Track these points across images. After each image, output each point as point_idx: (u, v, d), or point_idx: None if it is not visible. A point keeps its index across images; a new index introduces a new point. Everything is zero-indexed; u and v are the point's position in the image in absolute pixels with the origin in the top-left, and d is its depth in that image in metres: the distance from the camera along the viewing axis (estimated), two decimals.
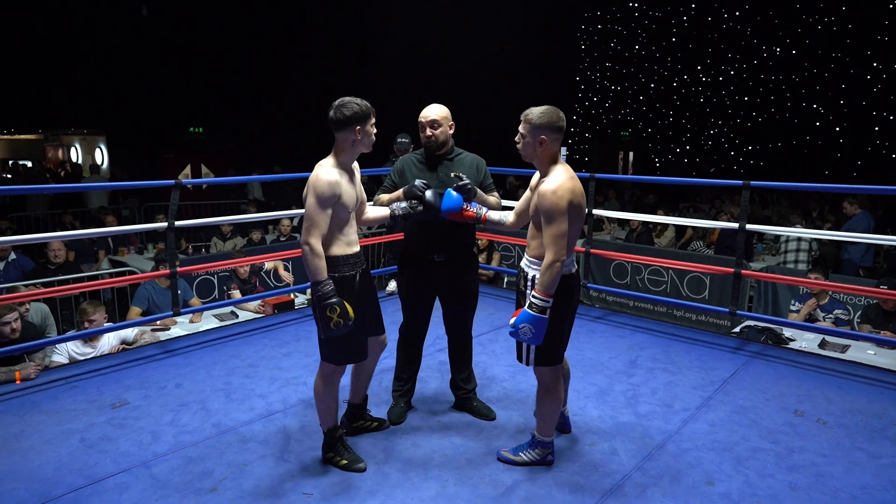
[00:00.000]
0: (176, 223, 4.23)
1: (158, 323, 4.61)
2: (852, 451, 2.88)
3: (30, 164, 17.52)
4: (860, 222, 7.03)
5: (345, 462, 2.68)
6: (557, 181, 2.42)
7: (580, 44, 18.94)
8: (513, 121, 2.63)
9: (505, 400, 3.37)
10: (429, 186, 2.82)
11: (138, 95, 13.24)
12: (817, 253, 7.09)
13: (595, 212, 5.27)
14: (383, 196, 3.02)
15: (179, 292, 4.44)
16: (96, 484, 2.57)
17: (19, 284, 5.25)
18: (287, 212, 6.26)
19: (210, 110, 14.37)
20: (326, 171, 2.46)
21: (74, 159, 17.10)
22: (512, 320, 2.47)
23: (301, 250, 2.46)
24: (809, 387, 3.61)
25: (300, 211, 6.46)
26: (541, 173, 2.57)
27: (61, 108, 14.01)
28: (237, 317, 4.98)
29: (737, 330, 4.93)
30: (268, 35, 14.60)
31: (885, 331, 4.54)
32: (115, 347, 4.21)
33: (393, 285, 5.53)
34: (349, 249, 2.57)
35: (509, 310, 4.48)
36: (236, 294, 5.47)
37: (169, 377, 3.66)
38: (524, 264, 2.64)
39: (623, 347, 4.24)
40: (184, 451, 2.83)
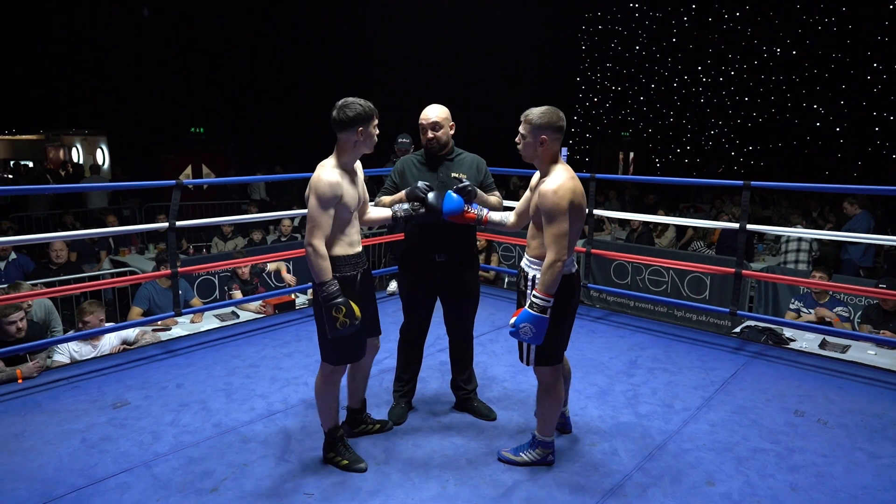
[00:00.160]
0: (177, 223, 4.24)
1: (160, 323, 4.61)
2: (853, 452, 2.89)
3: (31, 164, 17.54)
4: (860, 222, 7.03)
5: (346, 462, 2.69)
6: (558, 181, 2.42)
7: (581, 44, 18.94)
8: (513, 121, 2.64)
9: (505, 400, 3.37)
10: (431, 188, 2.82)
11: (139, 96, 13.25)
12: (817, 253, 7.09)
13: (596, 212, 5.27)
14: (385, 197, 3.02)
15: (180, 292, 4.44)
16: (97, 484, 2.58)
17: (25, 284, 5.26)
18: (287, 212, 6.26)
19: (211, 110, 14.38)
20: (328, 172, 2.46)
21: (76, 159, 17.11)
22: (512, 320, 2.47)
23: (305, 251, 2.47)
24: (810, 387, 3.61)
25: (301, 211, 6.49)
26: (541, 173, 2.57)
27: (62, 108, 14.02)
28: (238, 317, 4.98)
29: (737, 330, 4.93)
30: (269, 35, 14.61)
31: (884, 330, 4.55)
32: (116, 347, 4.21)
33: (393, 285, 5.54)
34: (351, 250, 2.58)
35: (510, 310, 4.49)
36: (237, 294, 5.47)
37: (170, 377, 3.67)
38: (524, 264, 2.64)
39: (623, 347, 4.25)
40: (185, 451, 2.83)
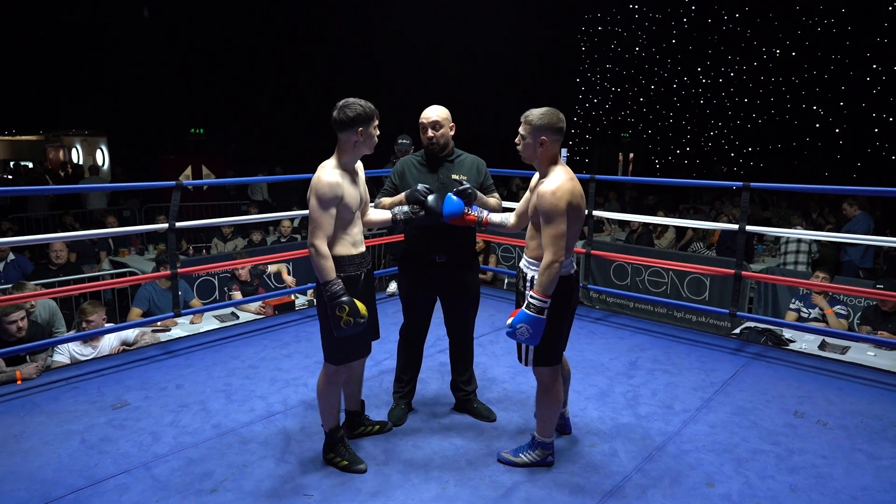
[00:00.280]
0: (177, 224, 4.24)
1: (159, 324, 4.61)
2: (852, 453, 2.89)
3: (31, 164, 17.54)
4: (860, 224, 7.03)
5: (345, 463, 2.69)
6: (557, 182, 2.42)
7: (581, 45, 18.96)
8: (513, 122, 2.64)
9: (505, 401, 3.37)
10: (431, 191, 2.81)
11: (139, 96, 13.25)
12: (817, 255, 7.09)
13: (595, 213, 5.27)
14: (385, 199, 3.01)
15: (180, 293, 4.44)
16: (97, 485, 2.57)
17: (28, 284, 5.26)
18: (287, 213, 6.26)
19: (211, 111, 14.37)
20: (328, 173, 2.47)
21: (75, 160, 17.12)
22: (509, 320, 2.48)
23: (307, 252, 2.48)
24: (809, 388, 3.61)
25: (300, 212, 6.50)
26: (540, 174, 2.57)
27: (62, 109, 14.03)
28: (238, 318, 4.98)
29: (737, 331, 4.93)
30: (269, 36, 14.60)
31: (882, 331, 4.55)
32: (115, 348, 4.21)
33: (393, 286, 5.53)
34: (354, 250, 2.58)
35: (510, 311, 4.48)
36: (237, 295, 5.47)
37: (169, 378, 3.67)
38: (523, 265, 2.64)
39: (623, 349, 4.24)
40: (184, 452, 2.83)
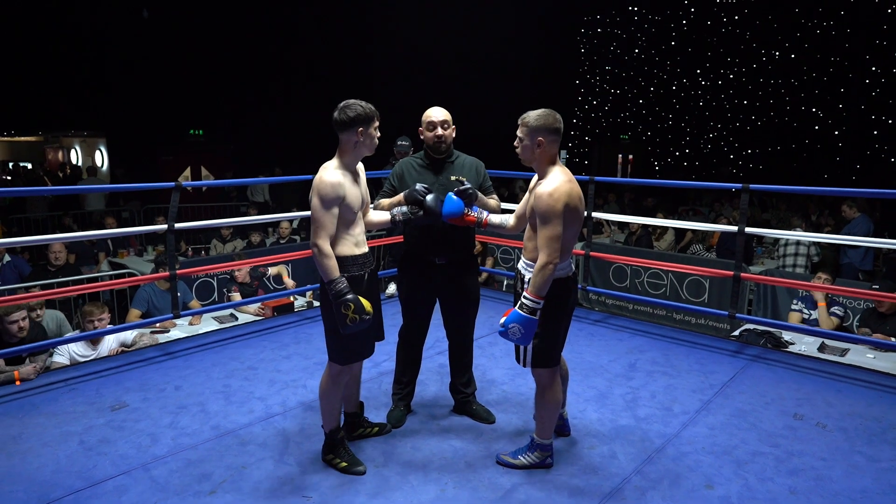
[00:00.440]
0: (176, 225, 4.23)
1: (158, 325, 4.61)
2: (851, 455, 2.88)
3: (30, 166, 17.54)
4: (859, 226, 7.04)
5: (344, 464, 2.68)
6: (554, 183, 2.42)
7: (580, 47, 18.99)
8: (512, 124, 2.64)
9: (504, 403, 3.37)
10: (430, 190, 2.81)
11: (139, 97, 13.25)
12: (817, 258, 7.09)
13: (594, 215, 5.27)
14: (384, 200, 3.01)
15: (179, 295, 4.44)
16: (95, 486, 2.57)
17: (22, 286, 5.26)
18: (286, 214, 6.26)
19: (210, 112, 14.38)
20: (329, 173, 2.49)
21: (75, 161, 17.10)
22: (502, 319, 2.48)
23: (311, 252, 2.49)
24: (809, 390, 3.61)
25: (299, 213, 6.51)
26: (538, 176, 2.57)
27: (62, 109, 14.03)
28: (237, 319, 4.97)
29: (736, 333, 4.93)
30: (268, 37, 14.61)
31: (877, 333, 4.55)
32: (114, 350, 4.21)
33: (393, 288, 5.53)
34: (357, 250, 2.59)
35: None
36: (236, 296, 5.47)
37: (168, 379, 3.66)
38: (521, 266, 2.64)
39: (622, 350, 4.24)
40: (183, 453, 2.83)
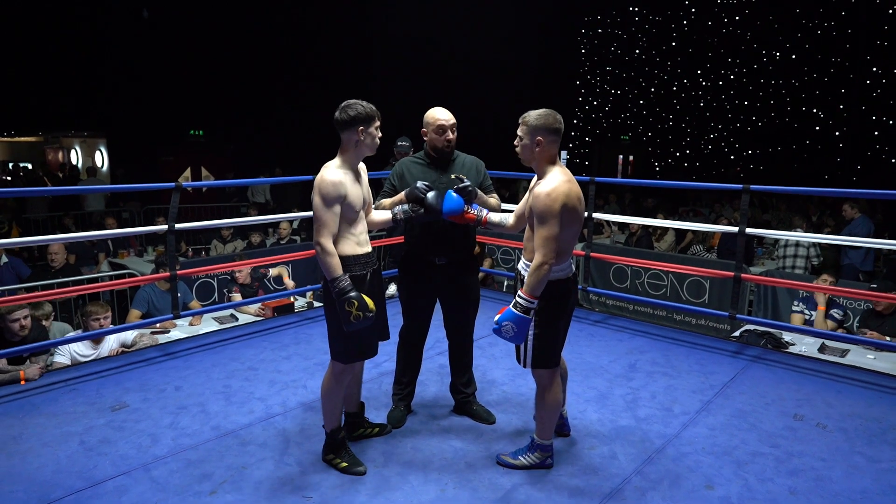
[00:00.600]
0: (176, 226, 4.24)
1: (158, 325, 4.61)
2: (851, 456, 2.88)
3: (30, 166, 17.54)
4: (860, 226, 7.04)
5: (345, 464, 2.69)
6: (553, 184, 2.42)
7: (580, 47, 18.99)
8: (513, 124, 2.64)
9: (504, 403, 3.37)
10: (430, 188, 2.82)
11: (139, 98, 13.25)
12: (817, 259, 7.09)
13: (595, 215, 5.27)
14: (385, 200, 3.01)
15: (179, 295, 4.44)
16: (95, 486, 2.57)
17: (23, 286, 5.27)
18: (286, 215, 6.27)
19: (210, 113, 14.38)
20: (331, 172, 2.51)
21: (75, 162, 17.10)
22: (497, 317, 2.48)
23: (309, 253, 2.49)
24: (809, 391, 3.61)
25: (299, 214, 6.52)
26: (538, 175, 2.57)
27: (61, 110, 14.03)
28: (237, 320, 4.97)
29: (736, 334, 4.92)
30: (268, 38, 14.62)
31: (873, 332, 4.55)
32: (114, 350, 4.21)
33: (393, 288, 5.53)
34: (360, 249, 2.60)
35: None
36: (237, 297, 5.47)
37: (168, 380, 3.66)
38: (521, 266, 2.64)
39: (623, 351, 4.24)
40: (183, 453, 2.83)
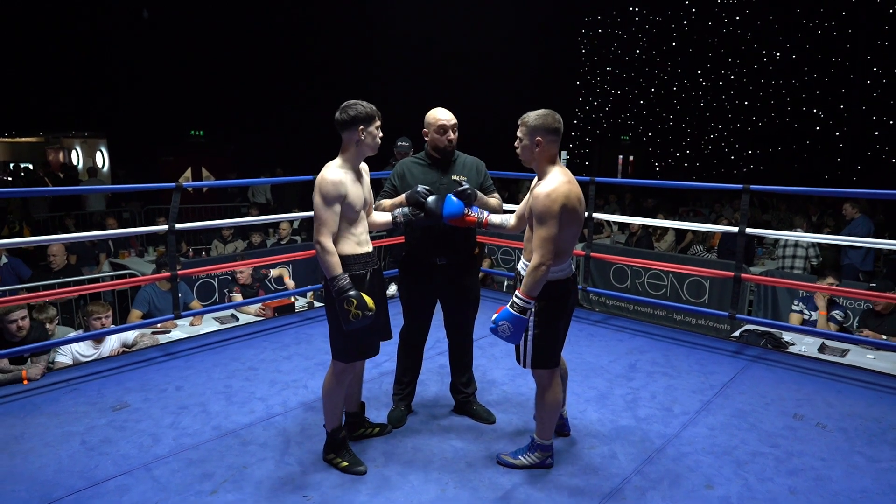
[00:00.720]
0: (177, 226, 4.24)
1: (159, 325, 4.62)
2: (851, 455, 2.89)
3: (31, 166, 17.55)
4: (860, 226, 7.04)
5: (345, 464, 2.69)
6: (552, 184, 2.42)
7: (580, 48, 19.00)
8: (513, 124, 2.64)
9: (505, 403, 3.38)
10: (431, 192, 2.82)
11: (139, 98, 13.28)
12: (816, 260, 7.09)
13: (595, 215, 5.28)
14: (385, 201, 3.01)
15: (180, 295, 4.44)
16: (97, 486, 2.58)
17: (23, 287, 5.27)
18: (286, 215, 6.27)
19: (211, 113, 14.40)
20: (331, 171, 2.52)
21: (75, 162, 17.11)
22: (494, 316, 2.49)
23: (310, 253, 2.50)
24: (809, 391, 3.62)
25: (299, 214, 6.52)
26: (538, 176, 2.57)
27: (62, 110, 14.04)
28: (238, 320, 4.98)
29: (736, 334, 4.93)
30: (269, 38, 14.64)
31: (871, 331, 4.55)
32: (115, 350, 4.22)
33: (393, 289, 5.53)
34: (359, 249, 2.61)
35: None
36: (237, 297, 5.47)
37: (169, 380, 3.67)
38: (521, 267, 2.65)
39: (623, 351, 4.25)
40: (184, 453, 2.84)
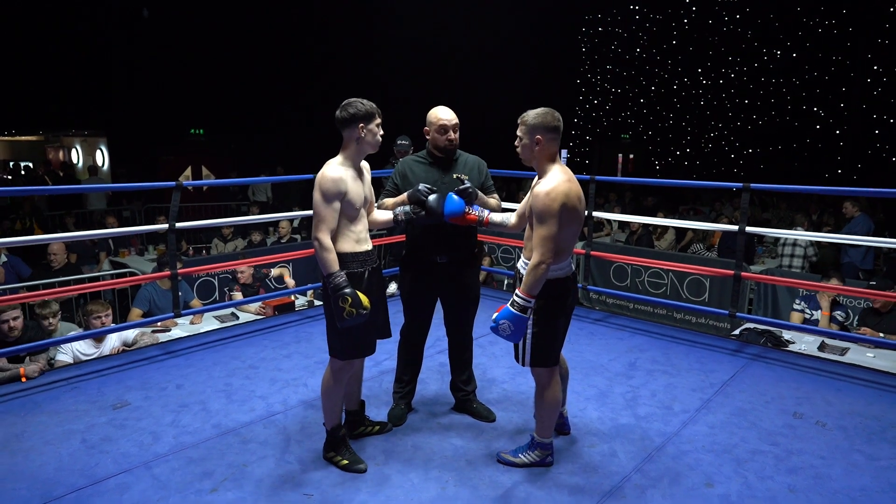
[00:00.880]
0: (177, 225, 4.24)
1: (160, 324, 4.62)
2: (851, 454, 2.89)
3: (31, 165, 17.55)
4: (860, 225, 7.04)
5: (345, 462, 2.70)
6: (552, 183, 2.42)
7: (581, 46, 18.98)
8: (513, 124, 2.64)
9: (505, 402, 3.38)
10: (432, 191, 2.82)
11: (139, 97, 13.27)
12: (815, 258, 7.09)
13: (595, 214, 5.28)
14: (387, 200, 3.02)
15: (180, 294, 4.45)
16: (97, 484, 2.58)
17: (23, 285, 5.27)
18: (286, 213, 6.28)
19: (211, 112, 14.40)
20: (331, 169, 2.53)
21: (75, 161, 17.11)
22: (494, 315, 2.49)
23: (310, 251, 2.51)
24: (808, 389, 3.62)
25: (299, 213, 6.52)
26: (538, 174, 2.57)
27: (62, 109, 14.03)
28: (238, 318, 4.98)
29: (736, 332, 4.93)
30: (268, 37, 14.63)
31: (876, 330, 4.55)
32: (115, 348, 4.22)
33: (393, 287, 5.54)
34: (358, 247, 2.61)
35: None
36: (237, 296, 5.48)
37: (170, 378, 3.67)
38: (521, 265, 2.64)
39: (623, 349, 4.25)
40: (184, 451, 2.84)
